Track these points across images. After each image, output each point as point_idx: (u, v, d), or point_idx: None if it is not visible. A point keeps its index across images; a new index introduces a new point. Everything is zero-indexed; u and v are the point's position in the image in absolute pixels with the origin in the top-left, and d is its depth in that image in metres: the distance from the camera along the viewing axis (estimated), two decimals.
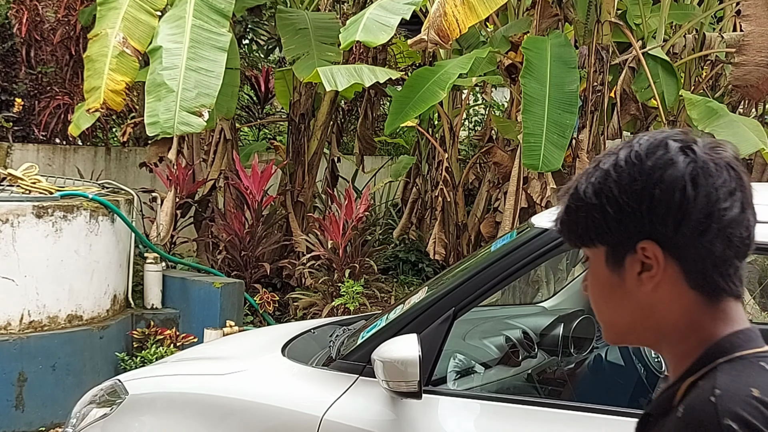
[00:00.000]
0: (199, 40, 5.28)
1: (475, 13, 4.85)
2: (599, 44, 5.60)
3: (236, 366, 2.86)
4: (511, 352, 3.00)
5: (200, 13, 5.38)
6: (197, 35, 5.29)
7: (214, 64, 5.25)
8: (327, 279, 6.30)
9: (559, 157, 5.10)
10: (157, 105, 5.08)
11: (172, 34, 5.26)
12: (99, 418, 2.92)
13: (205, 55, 5.26)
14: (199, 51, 5.25)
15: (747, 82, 5.41)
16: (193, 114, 5.08)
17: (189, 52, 5.20)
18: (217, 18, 5.43)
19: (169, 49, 5.19)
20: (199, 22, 5.33)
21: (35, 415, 4.83)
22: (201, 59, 5.23)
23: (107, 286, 5.27)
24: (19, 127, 7.45)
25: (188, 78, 5.13)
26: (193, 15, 5.33)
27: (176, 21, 5.32)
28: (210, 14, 5.41)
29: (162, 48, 5.18)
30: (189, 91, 5.08)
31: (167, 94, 5.07)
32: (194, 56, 5.21)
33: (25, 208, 4.83)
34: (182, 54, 5.18)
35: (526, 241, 2.44)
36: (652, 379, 3.00)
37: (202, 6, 5.39)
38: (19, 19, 7.46)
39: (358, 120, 8.72)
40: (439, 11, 4.77)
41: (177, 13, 5.38)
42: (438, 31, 4.78)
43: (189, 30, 5.27)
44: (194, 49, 5.23)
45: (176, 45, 5.22)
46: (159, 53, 5.18)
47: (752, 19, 5.28)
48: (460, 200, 6.89)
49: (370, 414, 2.39)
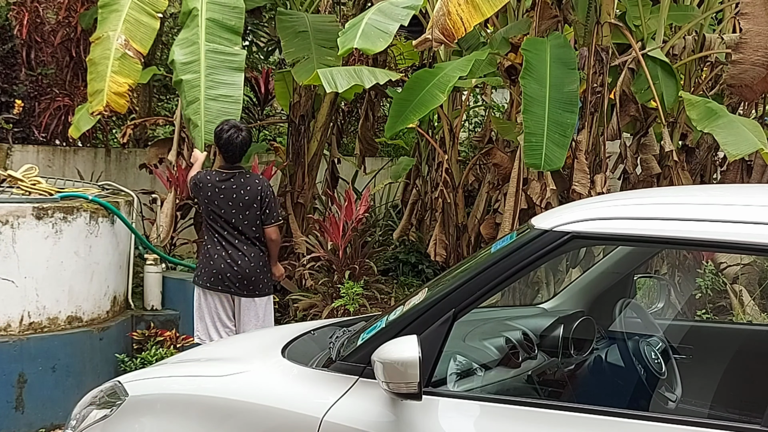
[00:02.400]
0: (215, 65, 5.36)
1: (480, 11, 4.83)
2: (599, 45, 5.60)
3: (236, 367, 2.86)
4: (511, 353, 2.99)
5: (212, 35, 5.43)
6: (212, 59, 5.37)
7: (233, 88, 5.35)
8: (327, 280, 6.30)
9: (561, 155, 5.10)
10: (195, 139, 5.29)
11: (188, 63, 5.33)
12: (99, 419, 2.92)
13: (223, 79, 5.35)
14: (216, 77, 5.33)
15: (742, 81, 5.40)
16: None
17: (206, 81, 5.30)
18: (228, 36, 5.48)
19: (189, 81, 5.28)
20: (213, 46, 5.40)
21: (35, 417, 4.84)
22: (219, 86, 5.33)
23: (107, 287, 5.27)
24: (19, 129, 7.46)
25: (209, 110, 5.23)
26: (205, 39, 5.39)
27: (190, 47, 5.38)
28: (222, 33, 5.46)
29: (183, 81, 5.28)
30: (211, 123, 5.17)
31: (194, 129, 5.25)
32: (212, 84, 5.31)
33: (25, 209, 4.83)
34: (200, 85, 5.28)
35: (526, 243, 2.44)
36: (651, 381, 3.00)
37: (213, 27, 5.44)
38: (19, 20, 7.48)
39: (358, 121, 8.72)
40: (442, 10, 4.76)
41: (189, 37, 5.42)
42: (443, 30, 4.77)
43: (203, 56, 5.35)
44: (211, 76, 5.32)
45: (193, 75, 5.31)
46: (182, 86, 5.31)
47: (750, 17, 5.27)
48: (460, 201, 6.89)
49: (370, 415, 2.39)
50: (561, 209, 2.76)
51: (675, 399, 2.94)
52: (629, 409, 2.36)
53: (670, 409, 2.89)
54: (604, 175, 5.63)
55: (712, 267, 5.74)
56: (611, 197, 3.38)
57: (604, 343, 3.28)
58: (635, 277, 3.56)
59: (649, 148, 6.00)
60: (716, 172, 6.92)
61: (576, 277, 3.86)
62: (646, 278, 3.99)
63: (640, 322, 3.29)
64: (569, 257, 4.04)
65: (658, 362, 3.06)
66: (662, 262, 5.51)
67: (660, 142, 5.91)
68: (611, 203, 2.70)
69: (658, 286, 3.77)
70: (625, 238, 2.48)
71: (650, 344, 3.14)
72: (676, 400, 2.93)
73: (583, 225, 2.39)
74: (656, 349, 3.13)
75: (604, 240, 2.65)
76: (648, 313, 3.37)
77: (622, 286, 3.45)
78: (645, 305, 3.55)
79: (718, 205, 2.45)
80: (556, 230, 2.41)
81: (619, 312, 3.27)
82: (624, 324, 3.23)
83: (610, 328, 3.33)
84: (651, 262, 4.69)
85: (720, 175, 6.81)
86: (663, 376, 3.03)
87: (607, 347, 3.24)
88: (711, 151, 6.62)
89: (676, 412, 2.87)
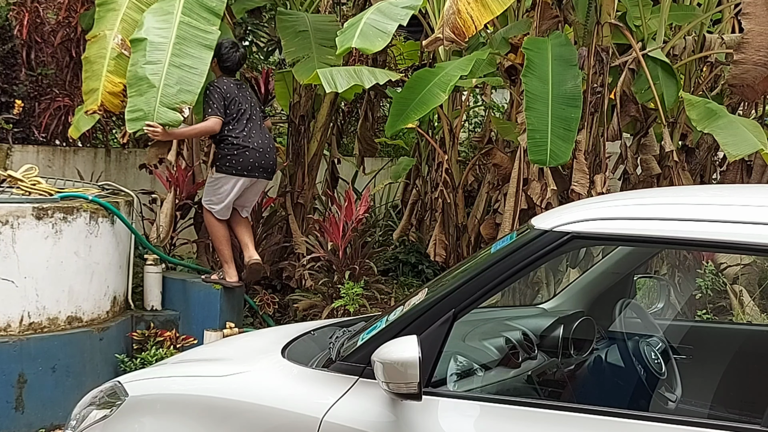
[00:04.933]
0: (186, 37, 5.24)
1: (489, 9, 4.82)
2: (599, 46, 5.59)
3: (236, 368, 2.86)
4: (511, 353, 2.99)
5: (190, 10, 5.34)
6: (184, 31, 5.25)
7: (199, 62, 5.22)
8: (327, 281, 6.30)
9: (567, 150, 5.08)
10: (138, 100, 5.05)
11: (159, 28, 5.21)
12: (99, 419, 2.92)
13: (191, 52, 5.23)
14: (185, 48, 5.21)
15: (744, 81, 5.40)
16: (173, 110, 5.05)
17: (174, 47, 5.17)
18: (207, 16, 5.40)
19: (154, 43, 5.14)
20: (188, 19, 5.29)
21: (35, 417, 4.83)
22: (186, 56, 5.20)
23: (107, 287, 5.27)
24: (19, 129, 7.45)
25: (171, 74, 5.10)
26: (182, 12, 5.29)
27: (164, 15, 5.27)
28: (200, 12, 5.38)
29: (147, 40, 5.12)
30: (170, 87, 5.05)
31: (148, 89, 5.04)
32: (179, 52, 5.18)
33: (25, 209, 4.83)
34: (167, 49, 5.14)
35: (526, 243, 2.44)
36: (651, 381, 3.00)
37: (192, 3, 5.36)
38: (19, 20, 7.47)
39: (358, 122, 8.72)
40: (452, 9, 4.75)
41: (165, 7, 5.32)
42: (453, 29, 4.76)
43: (176, 25, 5.23)
44: (180, 45, 5.19)
45: (162, 39, 5.17)
46: (143, 45, 5.12)
47: (752, 17, 5.26)
48: (460, 202, 6.89)
49: (370, 415, 2.39)
50: (561, 209, 2.76)
51: (675, 399, 2.94)
52: (629, 410, 2.36)
53: (670, 410, 2.89)
54: (604, 175, 5.63)
55: (712, 267, 5.74)
56: (611, 197, 3.38)
57: (604, 343, 3.28)
58: (635, 277, 3.56)
59: (650, 149, 6.00)
60: (716, 172, 6.92)
61: (576, 277, 3.86)
62: (646, 278, 3.99)
63: (640, 322, 3.29)
64: (569, 257, 4.04)
65: (658, 362, 3.06)
66: (662, 262, 5.51)
67: (660, 142, 5.91)
68: (611, 203, 2.70)
69: (658, 286, 3.77)
70: (625, 239, 2.48)
71: (650, 344, 3.14)
72: (676, 401, 2.94)
73: (583, 225, 2.40)
74: (656, 350, 3.13)
75: (604, 240, 2.65)
76: (648, 314, 3.37)
77: (622, 287, 3.45)
78: (645, 305, 3.55)
79: (718, 206, 2.45)
80: (556, 230, 2.41)
81: (619, 312, 3.27)
82: (624, 324, 3.23)
83: (610, 329, 3.33)
84: (651, 262, 4.69)
85: (720, 175, 6.81)
86: (663, 376, 3.03)
87: (607, 347, 3.24)
88: (711, 152, 6.62)
89: (676, 413, 2.87)
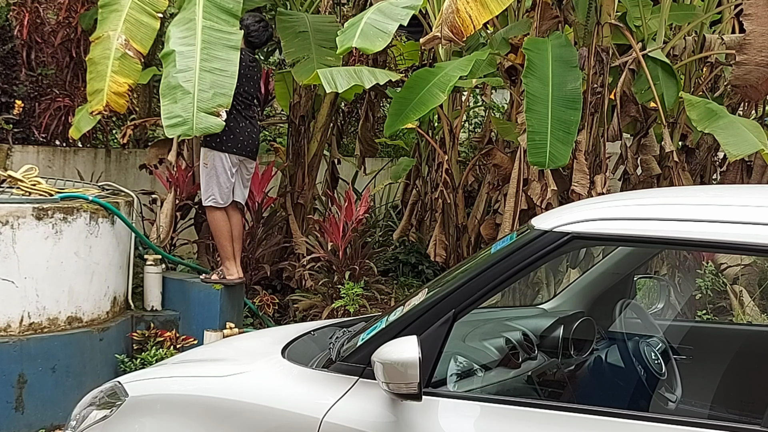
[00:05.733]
0: (211, 41, 5.27)
1: (488, 9, 4.81)
2: (599, 46, 5.59)
3: (236, 368, 2.86)
4: (511, 353, 3.00)
5: (209, 14, 5.37)
6: (209, 36, 5.28)
7: (228, 63, 5.25)
8: (327, 281, 6.30)
9: (565, 152, 5.08)
10: (174, 107, 5.07)
11: (184, 37, 5.25)
12: (99, 420, 2.92)
13: (218, 54, 5.26)
14: (212, 51, 5.25)
15: (747, 81, 5.40)
16: (210, 114, 5.08)
17: (202, 53, 5.19)
18: (226, 18, 5.43)
19: (182, 52, 5.18)
20: (210, 23, 5.32)
21: (35, 417, 4.83)
22: (214, 59, 5.23)
23: (107, 287, 5.27)
24: (19, 129, 7.45)
25: (203, 79, 5.11)
26: (203, 17, 5.33)
27: (186, 24, 5.31)
28: (219, 14, 5.41)
29: (175, 52, 5.17)
30: (205, 91, 5.07)
31: (183, 96, 5.06)
32: (207, 57, 5.21)
33: (25, 210, 4.83)
34: (195, 56, 5.18)
35: (526, 243, 2.44)
36: (651, 381, 3.00)
37: (210, 7, 5.39)
38: (20, 21, 7.47)
39: (358, 122, 8.71)
40: (451, 8, 4.74)
41: (186, 15, 5.36)
42: (452, 28, 4.75)
43: (200, 31, 5.26)
44: (207, 50, 5.23)
45: (188, 47, 5.21)
46: (172, 57, 5.18)
47: (753, 18, 5.26)
48: (460, 202, 6.89)
49: (370, 416, 2.39)
50: (561, 210, 2.76)
51: (675, 399, 2.94)
52: (629, 410, 2.36)
53: (670, 410, 2.89)
54: (604, 175, 5.63)
55: (712, 268, 5.74)
56: (611, 198, 3.38)
57: (604, 343, 3.28)
58: (635, 277, 3.56)
59: (650, 149, 6.00)
60: (716, 172, 6.92)
61: (576, 277, 3.86)
62: (646, 279, 3.99)
63: (640, 322, 3.29)
64: (569, 258, 4.04)
65: (658, 363, 3.06)
66: (662, 262, 5.51)
67: (660, 142, 5.91)
68: (611, 204, 2.70)
69: (658, 286, 3.77)
70: (625, 239, 2.48)
71: (650, 345, 3.14)
72: (676, 401, 2.94)
73: (584, 225, 2.39)
74: (656, 350, 3.13)
75: (604, 240, 2.66)
76: (648, 314, 3.37)
77: (622, 287, 3.45)
78: (645, 306, 3.55)
79: (718, 206, 2.45)
80: (556, 231, 2.41)
81: (619, 312, 3.27)
82: (624, 324, 3.23)
83: (610, 329, 3.33)
84: (651, 262, 4.69)
85: (720, 175, 6.81)
86: (663, 376, 3.03)
87: (607, 348, 3.24)
88: (711, 152, 6.63)
89: (676, 413, 2.87)
